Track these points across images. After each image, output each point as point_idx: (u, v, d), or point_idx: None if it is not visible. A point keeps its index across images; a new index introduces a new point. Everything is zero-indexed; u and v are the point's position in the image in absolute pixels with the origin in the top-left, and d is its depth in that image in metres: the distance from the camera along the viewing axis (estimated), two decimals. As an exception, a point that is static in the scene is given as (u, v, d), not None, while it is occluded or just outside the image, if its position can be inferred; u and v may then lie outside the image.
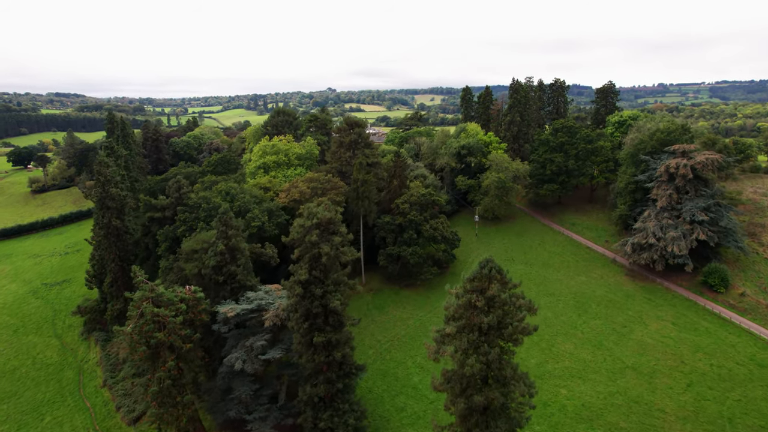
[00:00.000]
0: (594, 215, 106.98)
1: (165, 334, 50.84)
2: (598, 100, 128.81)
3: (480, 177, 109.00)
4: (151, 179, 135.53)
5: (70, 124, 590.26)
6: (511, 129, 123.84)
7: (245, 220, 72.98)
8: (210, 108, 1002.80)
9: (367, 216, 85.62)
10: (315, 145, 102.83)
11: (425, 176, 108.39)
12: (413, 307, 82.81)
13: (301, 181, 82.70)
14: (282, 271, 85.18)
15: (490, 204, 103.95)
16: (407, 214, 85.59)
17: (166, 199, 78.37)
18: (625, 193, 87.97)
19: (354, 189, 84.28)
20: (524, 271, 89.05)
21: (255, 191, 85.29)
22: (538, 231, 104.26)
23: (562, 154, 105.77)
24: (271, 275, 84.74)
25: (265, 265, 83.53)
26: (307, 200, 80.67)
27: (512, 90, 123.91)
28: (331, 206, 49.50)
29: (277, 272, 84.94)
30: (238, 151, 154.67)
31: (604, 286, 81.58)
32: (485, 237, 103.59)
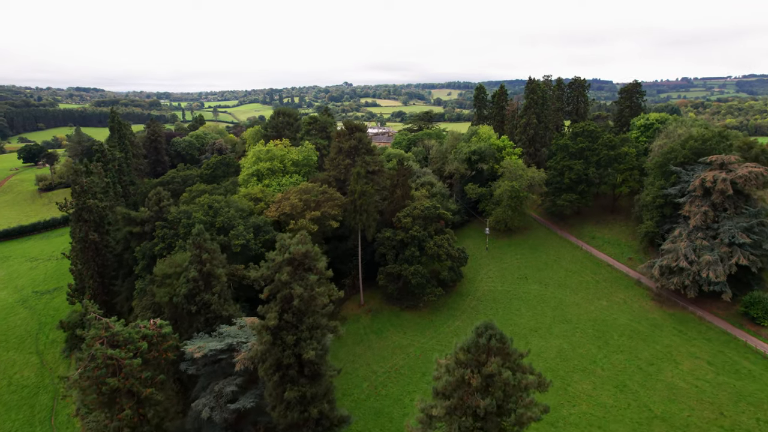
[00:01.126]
0: (616, 228, 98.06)
1: (120, 379, 44.48)
2: (621, 100, 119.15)
3: (492, 185, 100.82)
4: (148, 182, 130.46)
5: (86, 119, 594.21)
6: (526, 132, 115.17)
7: (228, 238, 66.33)
8: (226, 102, 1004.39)
9: (366, 231, 78.38)
10: (313, 151, 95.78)
11: (432, 184, 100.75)
12: (414, 331, 75.45)
13: (293, 193, 75.76)
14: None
15: (502, 215, 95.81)
16: (409, 229, 78.09)
17: (147, 211, 72.14)
18: (652, 207, 79.10)
19: (351, 201, 77.05)
20: (538, 293, 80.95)
21: (244, 203, 78.70)
22: (554, 245, 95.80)
23: (581, 161, 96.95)
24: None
25: (252, 286, 77.26)
26: (298, 214, 73.84)
27: (528, 90, 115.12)
28: (307, 237, 42.34)
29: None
30: (240, 152, 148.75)
31: (627, 312, 73.15)
32: (496, 251, 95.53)
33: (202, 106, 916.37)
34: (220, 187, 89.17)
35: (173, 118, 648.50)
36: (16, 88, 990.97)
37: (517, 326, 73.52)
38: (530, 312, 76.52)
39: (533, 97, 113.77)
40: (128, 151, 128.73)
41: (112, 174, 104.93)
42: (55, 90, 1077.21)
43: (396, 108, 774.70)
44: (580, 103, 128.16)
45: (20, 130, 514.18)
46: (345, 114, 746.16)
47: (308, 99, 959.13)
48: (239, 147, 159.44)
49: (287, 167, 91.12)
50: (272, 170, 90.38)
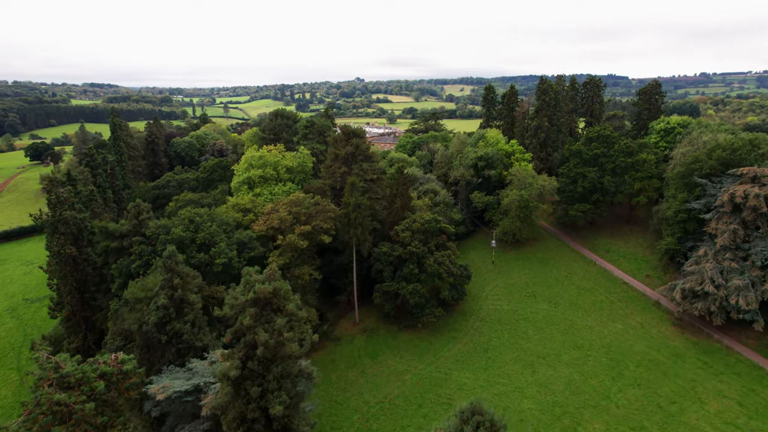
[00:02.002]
0: (633, 240, 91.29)
1: (69, 427, 39.60)
2: (639, 102, 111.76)
3: (499, 193, 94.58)
4: (143, 185, 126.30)
5: (98, 115, 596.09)
6: (537, 135, 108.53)
7: (209, 256, 61.24)
8: (238, 98, 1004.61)
9: (361, 246, 72.84)
10: (309, 157, 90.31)
11: (436, 191, 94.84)
12: (412, 355, 69.85)
13: (282, 205, 70.42)
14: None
15: (510, 226, 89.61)
16: (408, 244, 72.40)
17: (126, 224, 67.35)
18: (673, 222, 72.40)
19: (345, 214, 71.53)
20: (548, 313, 74.81)
21: (231, 215, 73.58)
22: (565, 259, 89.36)
23: (596, 169, 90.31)
24: None
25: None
26: (287, 229, 68.51)
27: (540, 90, 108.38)
28: (277, 273, 36.85)
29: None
30: (240, 153, 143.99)
31: (645, 338, 66.74)
32: (503, 265, 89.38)
33: (214, 102, 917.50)
34: (208, 195, 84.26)
35: (183, 114, 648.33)
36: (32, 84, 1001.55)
37: (524, 351, 67.57)
38: (538, 335, 70.49)
39: (545, 98, 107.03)
40: (123, 153, 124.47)
41: (102, 178, 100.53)
42: (69, 86, 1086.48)
43: (407, 104, 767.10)
44: (595, 104, 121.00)
45: (32, 126, 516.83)
46: (356, 110, 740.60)
47: (319, 95, 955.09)
48: (240, 148, 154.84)
49: (281, 175, 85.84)
50: (264, 178, 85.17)
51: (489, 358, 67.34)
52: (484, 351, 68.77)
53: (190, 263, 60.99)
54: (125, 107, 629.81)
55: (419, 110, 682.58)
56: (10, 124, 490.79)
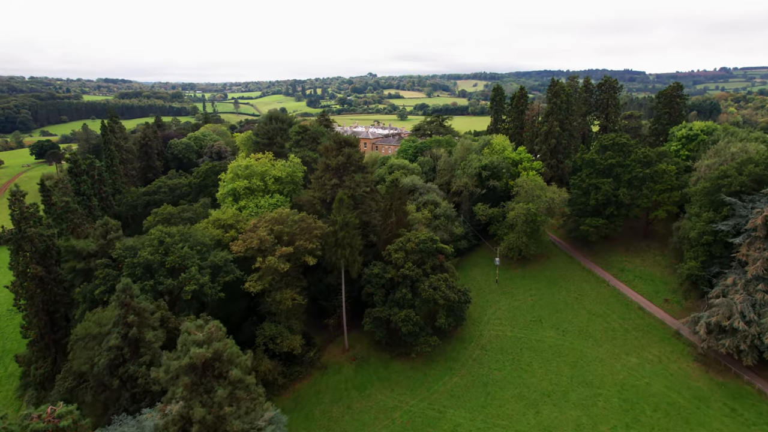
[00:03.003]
0: (650, 258, 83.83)
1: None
2: (659, 105, 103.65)
3: (505, 205, 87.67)
4: (134, 191, 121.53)
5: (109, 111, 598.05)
6: (548, 141, 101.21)
7: (178, 282, 55.62)
8: (249, 93, 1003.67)
9: (350, 268, 66.73)
10: (299, 166, 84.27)
11: (437, 203, 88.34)
12: (404, 389, 63.72)
13: (263, 223, 64.51)
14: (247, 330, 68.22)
15: (515, 241, 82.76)
16: (400, 266, 66.13)
17: (92, 243, 62.03)
18: (697, 244, 65.04)
19: (332, 233, 65.45)
20: (554, 342, 68.08)
21: (210, 232, 67.96)
22: (576, 278, 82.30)
23: (610, 180, 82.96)
24: (235, 329, 67.91)
25: (230, 320, 66.79)
26: (267, 250, 62.60)
27: (551, 93, 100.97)
28: (221, 331, 30.94)
29: (240, 330, 68.10)
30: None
31: (663, 376, 59.74)
32: (508, 284, 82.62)
33: (225, 98, 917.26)
34: (189, 209, 78.65)
35: (194, 110, 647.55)
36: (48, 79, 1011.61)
37: (527, 387, 61.07)
38: (543, 368, 63.86)
39: (556, 101, 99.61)
40: (114, 156, 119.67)
41: (87, 185, 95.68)
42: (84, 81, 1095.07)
43: (419, 100, 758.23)
44: (611, 106, 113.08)
45: (44, 122, 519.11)
46: (366, 106, 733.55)
47: (331, 90, 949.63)
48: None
49: (268, 186, 79.97)
50: (250, 189, 79.40)
51: (488, 395, 60.97)
52: (483, 386, 62.38)
53: (157, 290, 55.55)
54: (136, 103, 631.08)
55: (431, 106, 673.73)
56: (21, 120, 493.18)
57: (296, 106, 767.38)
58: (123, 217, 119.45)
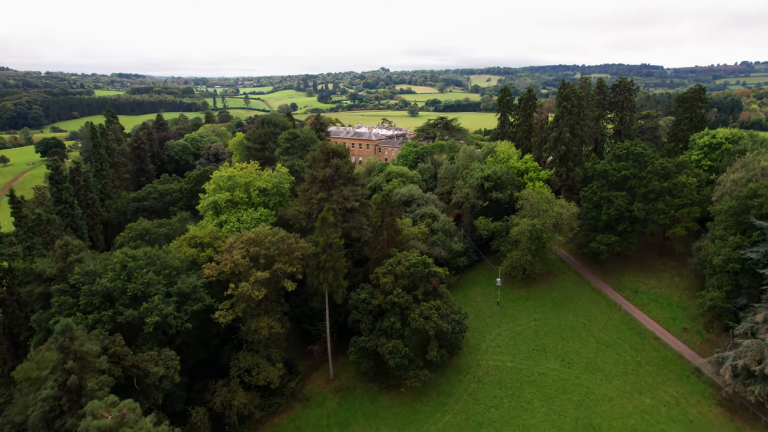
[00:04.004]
0: (666, 278, 76.86)
1: None
2: (679, 110, 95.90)
3: (509, 219, 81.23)
4: (125, 195, 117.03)
5: (119, 107, 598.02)
6: (557, 148, 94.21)
7: (139, 313, 50.36)
8: (261, 89, 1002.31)
9: (334, 293, 61.02)
10: (287, 176, 78.58)
11: (435, 216, 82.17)
12: (390, 428, 57.96)
13: (239, 244, 58.94)
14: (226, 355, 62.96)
15: (519, 260, 76.31)
16: (389, 292, 60.22)
17: (53, 266, 57.09)
18: (721, 271, 58.10)
19: (314, 255, 59.71)
20: (559, 376, 61.72)
21: (185, 251, 62.70)
22: (584, 301, 75.67)
23: (624, 193, 76.10)
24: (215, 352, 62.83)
25: (208, 343, 61.69)
26: (241, 274, 57.11)
27: (561, 96, 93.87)
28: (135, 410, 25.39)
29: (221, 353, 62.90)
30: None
31: (681, 423, 53.17)
32: (510, 306, 76.22)
33: (237, 93, 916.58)
34: (166, 224, 73.52)
35: (204, 105, 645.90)
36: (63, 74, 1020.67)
37: (526, 430, 54.92)
38: (545, 407, 57.62)
39: (566, 105, 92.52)
40: (103, 160, 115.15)
41: (69, 193, 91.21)
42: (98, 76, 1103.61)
43: (431, 96, 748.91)
44: (626, 109, 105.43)
45: (55, 118, 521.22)
46: (377, 102, 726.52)
47: (342, 85, 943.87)
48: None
49: (252, 198, 74.46)
50: (233, 202, 73.98)
51: (483, 438, 54.99)
52: (478, 426, 56.36)
53: (115, 321, 50.33)
54: (147, 98, 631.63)
55: (443, 102, 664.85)
56: (33, 116, 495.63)
57: (307, 101, 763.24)
58: (113, 224, 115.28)
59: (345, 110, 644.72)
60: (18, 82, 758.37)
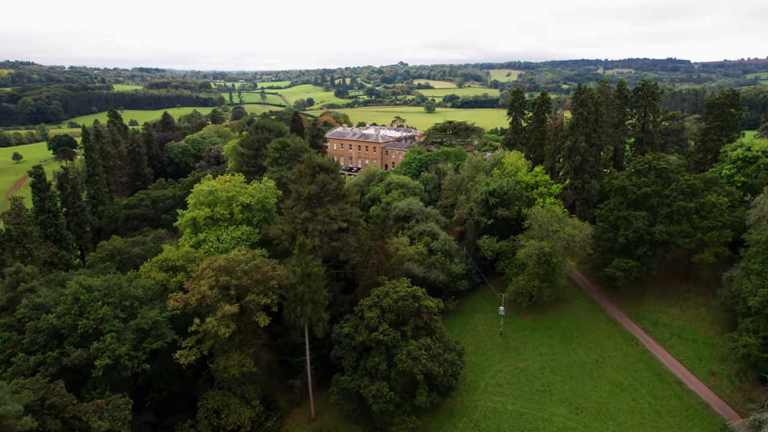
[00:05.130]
0: (691, 308, 68.90)
1: None
2: (708, 117, 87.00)
3: (516, 239, 74.12)
4: (117, 201, 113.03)
5: (137, 102, 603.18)
6: (571, 158, 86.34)
7: (88, 354, 45.04)
8: (279, 83, 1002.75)
9: (314, 327, 55.01)
10: (273, 190, 72.70)
11: (435, 234, 75.57)
12: (373, 481, 51.88)
13: (209, 272, 53.24)
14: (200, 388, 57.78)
15: (525, 285, 69.24)
16: (374, 328, 53.93)
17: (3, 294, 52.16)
18: (758, 313, 50.34)
19: (291, 285, 53.72)
20: (564, 425, 54.67)
21: (154, 276, 57.38)
22: (597, 332, 68.24)
23: (645, 214, 68.37)
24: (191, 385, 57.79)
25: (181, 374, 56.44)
26: (209, 307, 51.45)
27: (577, 102, 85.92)
28: None
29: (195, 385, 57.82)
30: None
31: (706, 491, 45.88)
32: (514, 337, 69.20)
33: (255, 87, 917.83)
34: (140, 242, 68.50)
35: (220, 100, 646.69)
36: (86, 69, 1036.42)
37: (526, 492, 48.25)
38: (549, 464, 50.75)
39: (582, 111, 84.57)
40: (96, 165, 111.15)
41: (51, 203, 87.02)
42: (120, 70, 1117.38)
43: (449, 91, 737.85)
44: (649, 114, 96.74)
45: (74, 113, 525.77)
46: (395, 97, 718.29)
47: (360, 80, 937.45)
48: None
49: (235, 215, 68.78)
50: (213, 219, 68.44)
51: (476, 498, 48.50)
52: (471, 484, 49.89)
53: (60, 363, 45.13)
54: (164, 93, 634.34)
55: (461, 98, 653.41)
56: (52, 111, 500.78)
57: (324, 96, 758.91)
58: (105, 232, 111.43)
59: (361, 106, 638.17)
60: (41, 76, 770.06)
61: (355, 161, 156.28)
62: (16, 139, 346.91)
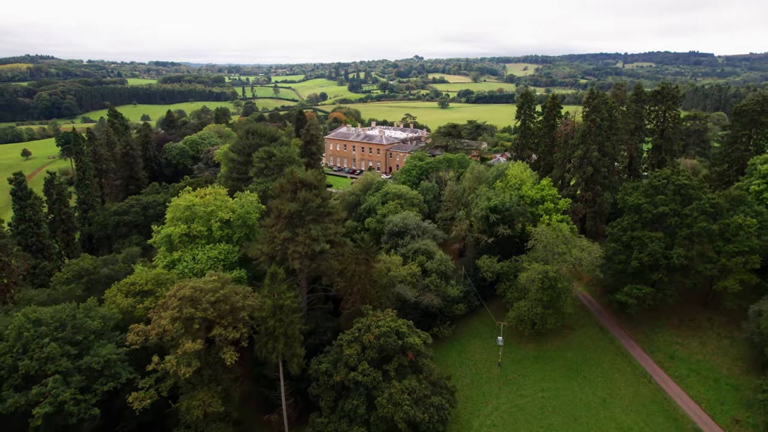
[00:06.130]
0: (712, 340, 62.23)
1: None
2: (736, 125, 79.34)
3: (518, 260, 68.05)
4: (109, 206, 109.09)
5: (150, 96, 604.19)
6: (582, 168, 79.74)
7: (26, 400, 40.48)
8: (293, 77, 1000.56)
9: (288, 363, 49.92)
10: (255, 204, 67.58)
11: (430, 253, 69.98)
12: None
13: (174, 302, 48.35)
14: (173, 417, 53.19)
15: (527, 312, 63.24)
16: (353, 367, 48.62)
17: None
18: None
19: (262, 319, 48.63)
20: (566, 479, 48.88)
21: (119, 302, 52.81)
22: (606, 365, 62.01)
23: (661, 234, 61.84)
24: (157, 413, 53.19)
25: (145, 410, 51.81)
26: (171, 341, 46.61)
27: (590, 107, 79.12)
28: None
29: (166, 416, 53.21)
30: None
31: None
32: (514, 369, 63.29)
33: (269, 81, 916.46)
34: (110, 262, 63.73)
35: (233, 95, 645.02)
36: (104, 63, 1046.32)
37: None
38: None
39: (595, 118, 77.80)
40: (87, 169, 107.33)
41: (31, 212, 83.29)
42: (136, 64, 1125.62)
43: (464, 85, 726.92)
44: (668, 120, 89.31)
45: (88, 108, 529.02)
46: (408, 92, 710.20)
47: (374, 74, 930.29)
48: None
49: (213, 231, 63.87)
50: (190, 236, 63.63)
51: None
52: None
53: (-5, 410, 40.64)
54: (177, 88, 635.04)
55: (475, 93, 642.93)
56: (66, 106, 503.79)
57: (337, 90, 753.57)
58: (97, 239, 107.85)
59: (374, 101, 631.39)
60: (59, 71, 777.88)
61: (358, 163, 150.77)
62: (28, 134, 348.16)
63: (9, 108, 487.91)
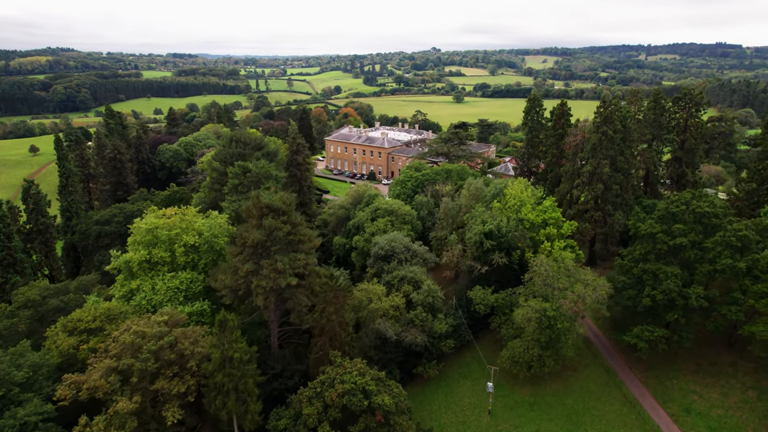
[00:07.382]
0: (736, 391, 54.48)
1: None
2: (766, 137, 70.56)
3: (515, 292, 60.92)
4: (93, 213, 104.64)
5: (164, 89, 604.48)
6: (592, 185, 71.99)
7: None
8: (308, 69, 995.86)
9: (241, 421, 43.92)
10: (224, 227, 61.55)
11: (417, 282, 63.22)
12: None
13: (115, 346, 42.59)
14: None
15: (522, 354, 56.29)
16: (313, 428, 42.39)
17: None
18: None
19: (209, 373, 42.64)
20: None
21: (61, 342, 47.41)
22: (611, 417, 54.75)
23: (678, 269, 54.16)
24: None
25: None
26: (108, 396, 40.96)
27: (602, 118, 71.10)
28: None
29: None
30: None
31: None
32: (506, 417, 56.43)
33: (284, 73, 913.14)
34: (61, 292, 58.29)
35: (247, 88, 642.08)
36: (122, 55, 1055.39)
37: None
38: None
39: (606, 130, 69.83)
40: (70, 175, 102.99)
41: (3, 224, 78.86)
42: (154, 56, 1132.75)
43: (481, 79, 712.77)
44: (690, 130, 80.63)
45: (102, 101, 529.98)
46: (424, 85, 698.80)
47: (390, 66, 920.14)
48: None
49: (177, 257, 58.08)
50: (151, 263, 57.95)
51: None
52: None
53: None
54: (192, 81, 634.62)
55: (492, 86, 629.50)
56: (81, 99, 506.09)
57: (352, 83, 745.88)
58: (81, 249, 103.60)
59: (388, 94, 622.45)
60: (77, 63, 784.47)
61: (359, 167, 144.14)
62: (39, 129, 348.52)
63: (26, 101, 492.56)
